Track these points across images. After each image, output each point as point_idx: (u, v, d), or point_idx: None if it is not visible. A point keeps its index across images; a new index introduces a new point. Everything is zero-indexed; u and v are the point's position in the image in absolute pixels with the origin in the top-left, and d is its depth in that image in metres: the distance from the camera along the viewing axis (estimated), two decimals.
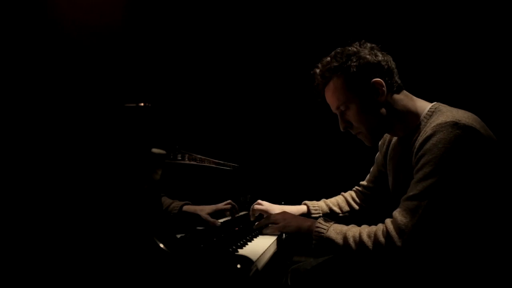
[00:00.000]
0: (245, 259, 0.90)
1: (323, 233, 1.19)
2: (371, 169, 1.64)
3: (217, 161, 1.59)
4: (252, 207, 1.60)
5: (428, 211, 1.02)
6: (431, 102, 1.25)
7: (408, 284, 1.13)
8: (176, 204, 1.23)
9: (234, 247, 1.18)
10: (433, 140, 1.06)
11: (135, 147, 0.99)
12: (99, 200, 0.98)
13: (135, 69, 2.00)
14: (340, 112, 1.31)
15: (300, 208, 1.64)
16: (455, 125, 1.05)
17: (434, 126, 1.09)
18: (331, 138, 2.41)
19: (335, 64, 1.25)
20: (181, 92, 2.37)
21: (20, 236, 1.01)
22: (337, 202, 1.68)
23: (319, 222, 1.23)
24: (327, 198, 1.72)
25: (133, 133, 1.00)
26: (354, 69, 1.23)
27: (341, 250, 1.14)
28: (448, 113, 1.12)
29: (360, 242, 1.11)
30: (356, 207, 1.65)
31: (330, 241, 1.17)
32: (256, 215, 1.60)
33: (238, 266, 0.87)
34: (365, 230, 1.13)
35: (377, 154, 1.60)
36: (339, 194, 1.74)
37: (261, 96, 2.70)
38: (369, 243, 1.09)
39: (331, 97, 1.31)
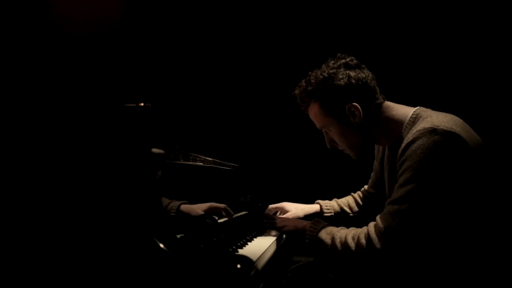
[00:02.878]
0: (245, 259, 0.90)
1: (314, 233, 1.23)
2: (371, 176, 1.69)
3: (217, 161, 1.59)
4: (268, 207, 1.65)
5: (407, 215, 1.05)
6: (415, 106, 1.25)
7: (401, 284, 1.15)
8: (174, 204, 1.23)
9: (234, 247, 1.18)
10: (413, 146, 1.08)
11: (135, 147, 0.99)
12: (99, 200, 0.98)
13: (135, 69, 2.00)
14: (325, 132, 1.37)
15: (313, 207, 1.68)
16: (433, 131, 1.07)
17: (414, 132, 1.11)
18: None
19: (310, 88, 1.29)
20: (181, 92, 2.37)
21: (20, 236, 1.01)
22: (348, 202, 1.72)
23: (313, 223, 1.26)
24: (325, 198, 1.75)
25: (133, 133, 1.00)
26: (328, 95, 1.26)
27: (329, 250, 1.18)
28: (428, 119, 1.14)
29: (344, 243, 1.15)
30: (363, 207, 1.71)
31: (320, 241, 1.20)
32: (272, 213, 1.64)
33: (238, 266, 0.87)
34: (351, 233, 1.16)
35: (374, 162, 1.63)
36: (339, 194, 1.78)
37: (261, 96, 2.70)
38: (352, 245, 1.13)
39: (313, 119, 1.37)
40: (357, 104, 1.24)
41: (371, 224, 1.14)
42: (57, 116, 1.10)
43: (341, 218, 1.68)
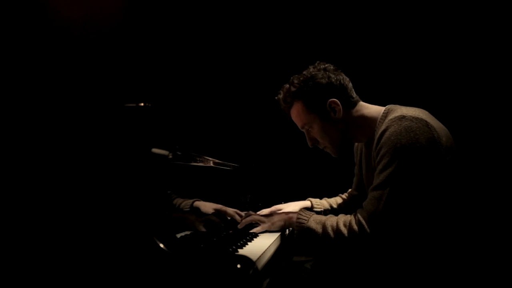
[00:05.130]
0: (245, 259, 0.90)
1: (304, 223, 1.28)
2: (353, 180, 1.81)
3: (217, 161, 1.59)
4: (262, 212, 1.68)
5: (391, 197, 1.13)
6: (385, 105, 1.37)
7: (391, 267, 1.20)
8: (188, 201, 1.29)
9: (234, 247, 1.18)
10: (387, 134, 1.18)
11: (135, 147, 0.99)
12: (99, 200, 0.98)
13: (135, 69, 2.00)
14: (306, 131, 1.46)
15: (305, 203, 1.77)
16: (402, 118, 1.17)
17: (386, 122, 1.21)
18: None
19: (294, 89, 1.40)
20: (181, 92, 2.37)
21: (20, 236, 1.01)
22: (336, 201, 1.83)
23: (300, 214, 1.32)
24: (325, 197, 1.85)
25: (133, 133, 1.00)
26: (310, 93, 1.36)
27: (321, 239, 1.23)
28: (398, 110, 1.25)
29: (337, 231, 1.21)
30: (349, 206, 1.81)
31: (310, 230, 1.26)
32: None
33: (238, 266, 0.86)
34: (341, 220, 1.23)
35: (355, 167, 1.74)
36: (336, 193, 1.90)
37: (261, 96, 2.70)
38: (345, 231, 1.19)
39: (295, 119, 1.46)
40: (337, 100, 1.35)
41: (359, 211, 1.20)
42: (57, 116, 1.10)
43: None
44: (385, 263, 1.20)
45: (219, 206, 1.46)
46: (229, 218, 1.55)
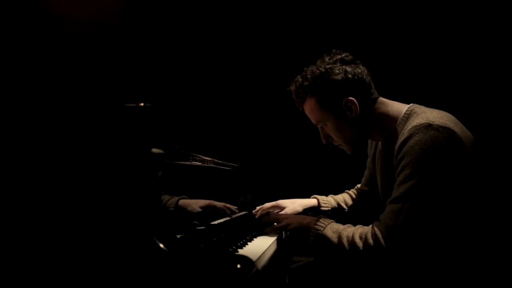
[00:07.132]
0: (245, 259, 0.90)
1: (320, 230, 1.21)
2: (364, 174, 1.70)
3: (217, 161, 1.59)
4: (264, 206, 1.65)
5: (411, 212, 1.05)
6: (408, 103, 1.27)
7: (400, 283, 1.15)
8: (173, 199, 1.23)
9: (234, 247, 1.18)
10: (410, 142, 1.08)
11: (135, 147, 0.99)
12: (99, 200, 0.98)
13: (135, 69, 2.00)
14: (320, 128, 1.37)
15: (311, 201, 1.68)
16: (429, 126, 1.08)
17: (410, 128, 1.11)
18: None
19: (306, 84, 1.29)
20: (181, 92, 2.37)
21: (20, 236, 1.01)
22: (344, 198, 1.73)
23: (318, 220, 1.25)
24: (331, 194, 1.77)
25: (133, 133, 1.00)
26: (325, 90, 1.26)
27: (335, 249, 1.16)
28: (422, 115, 1.15)
29: (352, 242, 1.13)
30: (358, 204, 1.72)
31: (325, 239, 1.19)
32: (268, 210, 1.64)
33: (238, 266, 0.86)
34: (357, 231, 1.15)
35: (368, 160, 1.64)
36: (338, 193, 1.80)
37: (261, 96, 2.70)
38: (360, 244, 1.12)
39: (309, 115, 1.36)
40: (353, 99, 1.25)
41: (376, 224, 1.13)
42: (57, 116, 1.10)
43: (337, 214, 1.70)
44: (399, 280, 1.14)
45: (207, 202, 1.39)
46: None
